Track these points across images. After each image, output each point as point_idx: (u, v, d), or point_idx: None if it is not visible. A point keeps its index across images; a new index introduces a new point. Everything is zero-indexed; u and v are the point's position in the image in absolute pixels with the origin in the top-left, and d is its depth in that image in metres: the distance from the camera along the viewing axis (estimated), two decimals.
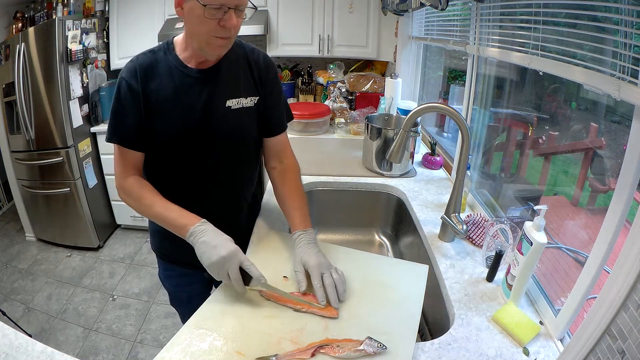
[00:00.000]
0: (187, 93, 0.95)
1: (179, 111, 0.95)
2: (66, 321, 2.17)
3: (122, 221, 3.07)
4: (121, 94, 0.93)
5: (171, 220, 0.90)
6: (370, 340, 0.72)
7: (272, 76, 1.06)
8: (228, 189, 1.08)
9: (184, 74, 0.95)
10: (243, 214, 1.17)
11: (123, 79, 0.93)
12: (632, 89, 0.66)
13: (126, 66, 0.95)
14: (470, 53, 1.42)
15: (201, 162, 1.01)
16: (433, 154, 1.70)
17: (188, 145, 0.98)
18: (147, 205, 0.93)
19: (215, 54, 0.92)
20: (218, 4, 0.81)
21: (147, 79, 0.93)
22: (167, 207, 0.91)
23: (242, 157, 1.08)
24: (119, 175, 0.97)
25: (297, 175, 1.10)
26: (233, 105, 0.99)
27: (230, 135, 1.02)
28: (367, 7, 2.53)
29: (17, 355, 0.73)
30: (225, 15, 0.83)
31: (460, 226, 1.06)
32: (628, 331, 0.56)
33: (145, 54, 0.96)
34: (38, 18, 2.57)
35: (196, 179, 1.03)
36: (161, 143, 0.97)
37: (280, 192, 1.08)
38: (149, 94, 0.93)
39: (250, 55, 1.04)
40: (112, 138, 0.95)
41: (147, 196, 0.94)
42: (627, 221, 0.68)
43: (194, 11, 0.83)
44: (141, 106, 0.93)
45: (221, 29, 0.85)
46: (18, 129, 2.53)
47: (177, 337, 0.75)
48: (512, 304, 0.87)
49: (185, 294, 1.27)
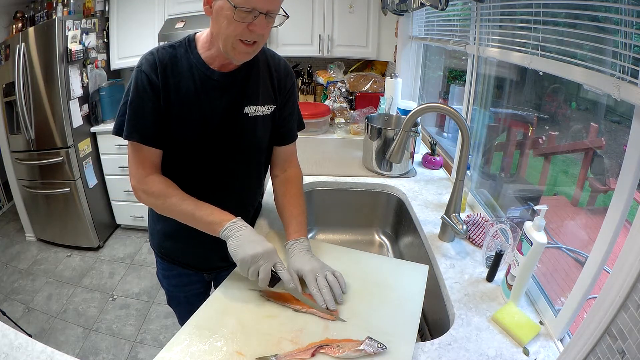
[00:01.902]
0: (207, 96, 0.92)
1: (197, 114, 0.92)
2: (66, 321, 2.17)
3: (122, 221, 3.07)
4: (139, 88, 0.88)
5: (201, 217, 0.89)
6: (370, 340, 0.72)
7: (290, 85, 1.04)
8: (237, 195, 1.07)
9: (205, 75, 0.91)
10: (248, 218, 1.16)
11: (142, 72, 0.88)
12: (632, 89, 0.66)
13: (145, 59, 0.89)
14: (470, 53, 1.41)
15: (212, 167, 1.00)
16: (433, 154, 1.70)
17: (200, 149, 0.96)
18: (174, 204, 0.90)
19: (239, 60, 0.88)
20: (250, 7, 0.77)
21: (167, 74, 0.89)
22: (197, 205, 0.90)
23: (254, 165, 1.06)
24: (138, 175, 0.92)
25: (298, 184, 1.09)
26: (251, 112, 0.97)
27: (245, 143, 1.00)
28: (367, 7, 2.53)
29: (17, 355, 0.73)
30: (256, 20, 0.80)
31: (460, 226, 1.06)
32: (628, 331, 0.56)
33: (165, 49, 0.91)
34: (38, 18, 2.57)
35: (205, 183, 1.01)
36: (174, 143, 0.94)
37: (279, 200, 1.07)
38: (169, 91, 0.89)
39: (272, 61, 1.01)
40: (132, 135, 0.89)
41: (175, 194, 0.91)
42: (627, 221, 0.68)
43: (223, 11, 0.79)
44: (161, 102, 0.89)
45: (249, 33, 0.81)
46: (18, 129, 2.53)
47: (177, 337, 0.75)
48: (512, 304, 0.86)
49: (183, 294, 1.26)
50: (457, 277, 0.99)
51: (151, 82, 0.88)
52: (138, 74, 0.88)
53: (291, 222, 0.99)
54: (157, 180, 0.93)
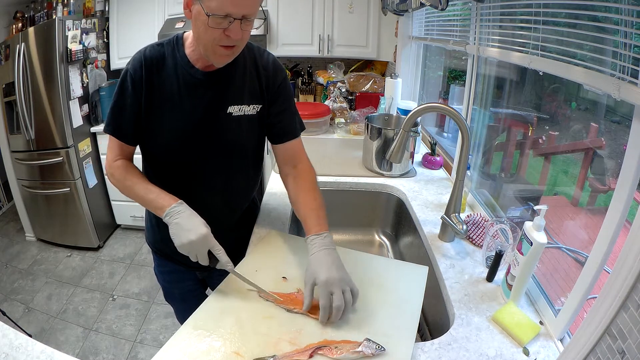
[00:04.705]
0: (189, 94, 0.93)
1: (179, 112, 0.94)
2: (66, 321, 2.17)
3: (122, 221, 3.07)
4: (123, 86, 0.92)
5: (150, 201, 0.91)
6: (368, 341, 0.72)
7: (279, 82, 1.02)
8: (221, 197, 1.06)
9: (189, 74, 0.93)
10: (237, 220, 1.15)
11: (128, 70, 0.91)
12: (632, 89, 0.66)
13: (133, 57, 0.93)
14: (470, 53, 1.41)
15: (194, 167, 1.00)
16: (433, 154, 1.70)
17: (182, 148, 0.97)
18: (129, 186, 0.94)
19: (220, 63, 0.89)
20: (223, 13, 0.77)
21: (152, 73, 0.91)
22: (147, 188, 0.92)
23: (237, 166, 1.05)
24: (108, 160, 0.98)
25: (311, 178, 1.04)
26: (234, 112, 0.97)
27: (227, 143, 0.99)
28: (367, 7, 2.52)
29: (17, 355, 0.73)
30: (231, 25, 0.79)
31: (460, 226, 1.06)
32: (628, 331, 0.55)
33: (153, 47, 0.94)
34: (38, 18, 2.56)
35: (188, 182, 1.01)
36: (156, 141, 0.96)
37: (293, 199, 1.02)
38: (152, 89, 0.91)
39: (259, 59, 1.00)
40: (107, 128, 0.96)
41: (130, 178, 0.94)
42: (627, 221, 0.68)
43: (200, 17, 0.79)
44: (142, 101, 0.92)
45: (226, 38, 0.81)
46: (18, 129, 2.53)
47: (175, 337, 0.74)
48: (512, 304, 0.86)
49: (177, 290, 1.26)
50: (457, 277, 0.99)
51: (134, 81, 0.91)
52: (124, 72, 0.93)
53: (309, 216, 0.94)
54: (120, 164, 0.97)
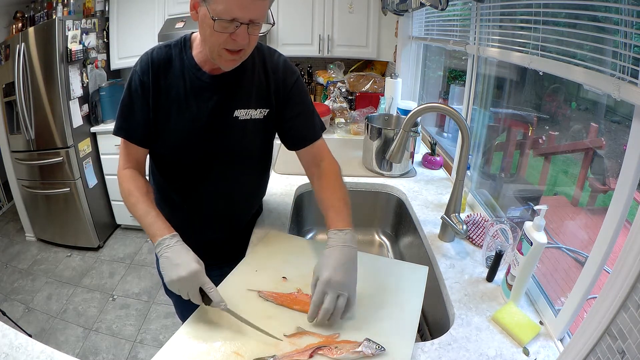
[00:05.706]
0: (196, 97, 0.92)
1: (185, 114, 0.93)
2: (66, 321, 2.17)
3: (122, 221, 3.07)
4: (131, 88, 0.91)
5: (146, 226, 0.86)
6: (368, 342, 0.72)
7: (291, 85, 0.99)
8: (226, 201, 1.05)
9: (196, 77, 0.92)
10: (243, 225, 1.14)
11: (136, 72, 0.91)
12: (632, 89, 0.66)
13: (140, 59, 0.92)
14: (470, 53, 1.41)
15: (199, 169, 0.99)
16: (433, 154, 1.70)
17: (188, 149, 0.96)
18: (133, 203, 0.90)
19: (226, 67, 0.87)
20: (230, 18, 0.75)
21: (160, 75, 0.90)
22: (147, 211, 0.87)
23: (243, 170, 1.04)
24: (120, 165, 0.96)
25: (334, 175, 1.01)
26: (241, 116, 0.95)
27: (232, 147, 0.98)
28: (367, 7, 2.53)
29: (17, 355, 0.73)
30: (238, 30, 0.78)
31: (460, 226, 1.06)
32: (628, 331, 0.55)
33: (161, 48, 0.92)
34: (38, 18, 2.57)
35: (193, 183, 1.01)
36: (163, 141, 0.95)
37: (318, 196, 1.00)
38: (160, 91, 0.91)
39: (269, 61, 0.97)
40: (119, 132, 0.94)
41: (135, 194, 0.90)
42: (627, 221, 0.68)
43: (206, 19, 0.77)
44: (150, 102, 0.91)
45: (232, 42, 0.80)
46: (18, 129, 2.53)
47: (175, 337, 0.74)
48: (512, 304, 0.86)
49: None
50: (457, 277, 0.99)
51: (142, 83, 0.90)
52: (132, 74, 0.92)
53: (330, 211, 0.93)
54: (128, 175, 0.93)
